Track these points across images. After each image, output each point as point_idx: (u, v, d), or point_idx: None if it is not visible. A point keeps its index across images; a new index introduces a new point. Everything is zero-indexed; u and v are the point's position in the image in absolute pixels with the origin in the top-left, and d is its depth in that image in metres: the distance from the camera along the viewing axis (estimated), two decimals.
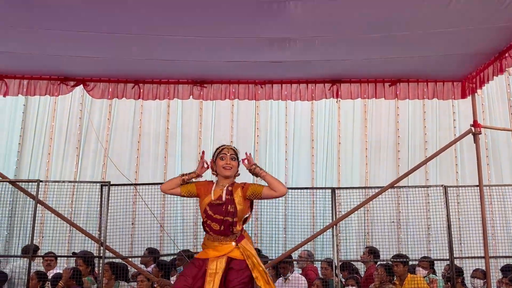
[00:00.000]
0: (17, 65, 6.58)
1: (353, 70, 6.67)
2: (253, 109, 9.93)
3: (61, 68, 6.65)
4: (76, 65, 6.46)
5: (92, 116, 9.64)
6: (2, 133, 9.74)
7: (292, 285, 6.94)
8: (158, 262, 7.26)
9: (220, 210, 4.01)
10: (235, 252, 4.00)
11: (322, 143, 9.80)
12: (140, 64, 6.40)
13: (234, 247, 4.00)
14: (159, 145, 9.88)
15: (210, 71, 6.75)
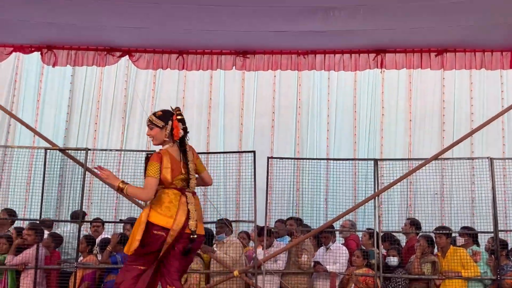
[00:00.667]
0: (66, 36, 6.78)
1: (398, 39, 6.59)
2: (295, 80, 9.90)
3: (107, 39, 6.81)
4: (122, 36, 6.60)
5: (137, 87, 9.84)
6: (51, 103, 10.09)
7: (333, 255, 7.00)
8: None
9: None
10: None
11: (365, 114, 9.73)
12: (185, 35, 6.49)
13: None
14: (202, 115, 10.02)
15: (253, 41, 6.78)
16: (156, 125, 4.20)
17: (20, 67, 10.17)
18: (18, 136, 9.84)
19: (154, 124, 4.20)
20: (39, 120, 9.96)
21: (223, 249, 6.93)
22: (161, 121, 4.20)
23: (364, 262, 6.84)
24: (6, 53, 7.01)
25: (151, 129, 4.20)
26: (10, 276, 6.91)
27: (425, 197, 7.59)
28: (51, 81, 10.10)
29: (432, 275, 6.70)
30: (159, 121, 4.20)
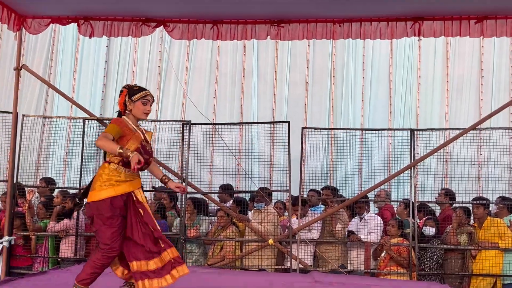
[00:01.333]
0: (102, 7, 6.81)
1: (437, 6, 6.40)
2: (330, 49, 9.80)
3: (142, 10, 6.81)
4: (157, 6, 6.60)
5: (171, 57, 9.89)
6: (87, 74, 10.26)
7: (368, 225, 7.01)
8: (235, 198, 7.52)
9: (147, 150, 4.13)
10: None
11: (401, 84, 9.59)
12: (219, 4, 6.45)
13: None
14: (235, 85, 10.03)
15: (288, 10, 6.69)
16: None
17: (57, 39, 10.34)
18: (56, 107, 10.06)
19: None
20: (76, 90, 10.15)
21: (259, 218, 7.01)
22: None
23: (398, 232, 6.84)
24: (44, 25, 7.09)
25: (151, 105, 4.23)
26: (50, 242, 7.15)
27: (462, 167, 7.47)
28: (87, 52, 10.26)
29: (468, 246, 6.66)
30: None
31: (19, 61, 7.21)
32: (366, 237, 6.92)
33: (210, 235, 7.12)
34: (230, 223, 7.06)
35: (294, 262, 6.81)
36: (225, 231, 7.02)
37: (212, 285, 5.19)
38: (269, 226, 6.95)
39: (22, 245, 7.02)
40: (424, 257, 6.79)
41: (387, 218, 7.22)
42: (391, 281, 6.36)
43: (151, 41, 9.97)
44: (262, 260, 6.88)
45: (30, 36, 9.23)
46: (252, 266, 6.87)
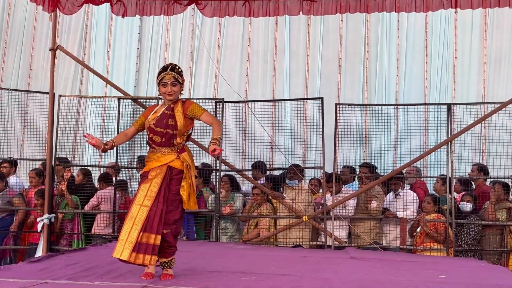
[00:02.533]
0: None
1: None
2: (363, 24, 9.65)
3: None
4: None
5: (203, 35, 9.90)
6: (120, 53, 10.36)
7: (403, 201, 6.94)
8: (267, 176, 7.53)
9: (161, 123, 4.12)
10: (176, 162, 4.13)
11: (437, 57, 9.39)
12: None
13: (175, 157, 4.13)
14: (267, 62, 9.99)
15: None
16: (179, 82, 4.23)
17: (90, 19, 10.45)
18: (91, 87, 10.20)
19: (178, 81, 4.22)
20: (110, 70, 10.28)
21: (292, 195, 7.02)
22: (181, 78, 4.27)
23: (434, 208, 6.77)
24: (77, 5, 7.12)
25: (174, 85, 4.18)
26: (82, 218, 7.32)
27: (500, 142, 7.31)
28: (120, 31, 10.37)
29: (507, 222, 6.55)
30: (180, 78, 4.26)
31: (54, 42, 7.29)
32: (402, 213, 6.86)
33: (245, 212, 7.17)
34: (265, 200, 7.09)
35: (328, 238, 6.82)
36: (259, 208, 7.06)
37: (248, 260, 5.24)
38: (303, 203, 6.96)
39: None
40: (461, 233, 6.71)
41: (421, 196, 7.14)
42: (428, 257, 6.31)
43: (183, 19, 9.99)
44: (297, 236, 6.91)
45: (64, 17, 9.37)
46: (287, 243, 6.91)
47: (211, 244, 6.76)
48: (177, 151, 4.14)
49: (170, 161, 4.12)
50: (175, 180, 4.12)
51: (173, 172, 4.12)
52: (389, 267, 5.15)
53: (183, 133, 4.16)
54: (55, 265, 4.50)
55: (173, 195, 4.11)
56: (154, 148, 4.19)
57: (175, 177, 4.12)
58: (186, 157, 4.16)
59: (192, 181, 4.16)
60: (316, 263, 5.31)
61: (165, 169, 4.11)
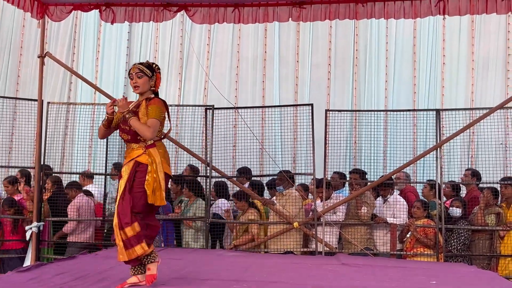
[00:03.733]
0: None
1: None
2: (352, 30, 9.69)
3: None
4: None
5: (192, 42, 9.88)
6: (109, 60, 10.32)
7: (392, 207, 6.96)
8: (252, 181, 7.50)
9: (125, 121, 4.17)
10: (143, 157, 4.14)
11: (425, 63, 9.46)
12: None
13: (143, 152, 4.15)
14: (257, 69, 10.00)
15: None
16: (145, 73, 4.23)
17: (79, 25, 10.40)
18: (79, 93, 10.15)
19: (144, 73, 4.23)
20: (99, 77, 10.23)
21: (282, 201, 7.01)
22: (150, 71, 4.27)
23: (424, 213, 6.80)
24: (66, 12, 7.10)
25: (140, 77, 4.20)
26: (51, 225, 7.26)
27: (488, 147, 7.37)
28: (108, 38, 10.32)
29: (496, 226, 6.59)
30: (148, 70, 4.26)
31: (43, 49, 7.25)
32: (391, 219, 6.88)
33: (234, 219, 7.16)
34: (249, 206, 7.08)
35: (319, 244, 6.81)
36: (245, 215, 7.04)
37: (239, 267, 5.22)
38: (293, 209, 6.94)
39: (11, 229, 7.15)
40: (451, 238, 6.74)
41: (411, 200, 7.17)
42: (418, 263, 6.34)
43: (172, 26, 9.97)
44: (288, 243, 6.90)
45: (52, 23, 9.31)
46: (278, 249, 6.89)
47: (201, 251, 6.73)
48: (145, 147, 4.15)
49: (136, 156, 4.14)
50: (138, 173, 4.12)
51: (138, 168, 4.13)
52: (381, 274, 5.16)
53: None
54: (44, 274, 4.46)
55: (135, 187, 4.11)
56: (126, 145, 4.28)
57: (139, 169, 4.12)
58: (153, 153, 4.15)
59: (158, 177, 4.12)
60: (307, 269, 5.31)
61: (132, 164, 4.14)
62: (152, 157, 4.12)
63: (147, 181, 4.07)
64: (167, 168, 4.22)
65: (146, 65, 4.28)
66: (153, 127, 4.08)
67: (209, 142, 7.30)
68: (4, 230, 7.16)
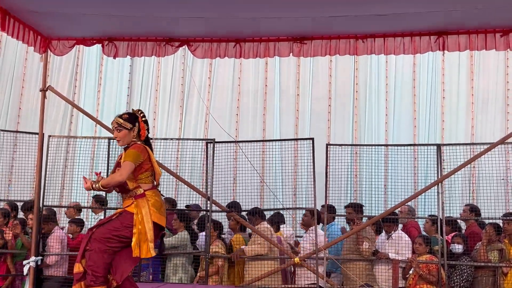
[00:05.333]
0: (126, 28, 6.87)
1: (461, 21, 6.34)
2: (352, 64, 9.79)
3: (166, 30, 6.86)
4: (180, 27, 6.65)
5: (193, 75, 9.97)
6: (111, 94, 10.40)
7: (395, 243, 6.89)
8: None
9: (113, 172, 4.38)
10: (131, 208, 4.23)
11: (425, 98, 9.52)
12: (242, 23, 6.48)
13: (131, 203, 4.24)
14: (257, 102, 10.06)
15: (311, 27, 6.69)
16: (124, 127, 4.36)
17: (81, 59, 10.50)
18: (80, 127, 10.17)
19: (123, 127, 4.36)
20: (100, 110, 10.27)
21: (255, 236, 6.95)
22: (129, 123, 4.37)
23: (426, 249, 6.72)
24: (69, 46, 7.16)
25: (119, 131, 4.36)
26: None
27: (490, 182, 7.34)
28: (110, 72, 10.41)
29: (499, 263, 6.51)
30: (127, 123, 4.37)
31: (45, 83, 7.28)
32: (393, 255, 6.80)
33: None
34: (217, 237, 7.09)
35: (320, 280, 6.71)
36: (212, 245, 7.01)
37: None
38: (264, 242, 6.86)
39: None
40: (454, 274, 6.65)
41: (414, 236, 7.10)
42: None
43: (173, 60, 10.07)
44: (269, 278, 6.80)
45: (54, 57, 9.37)
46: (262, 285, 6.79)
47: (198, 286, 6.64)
48: (134, 197, 4.23)
49: (126, 206, 4.25)
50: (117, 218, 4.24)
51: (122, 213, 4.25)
52: None
53: (131, 178, 4.23)
54: None
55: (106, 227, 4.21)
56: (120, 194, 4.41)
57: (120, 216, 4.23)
58: (141, 203, 4.21)
59: (144, 228, 4.15)
60: None
61: (118, 212, 4.29)
62: (138, 208, 4.18)
63: (134, 233, 4.13)
64: (157, 218, 4.23)
65: (126, 117, 4.38)
66: (123, 168, 4.14)
67: (210, 175, 7.27)
68: None
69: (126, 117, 4.39)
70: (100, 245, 4.11)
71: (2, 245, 7.02)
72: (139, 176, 4.27)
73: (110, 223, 4.23)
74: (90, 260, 4.11)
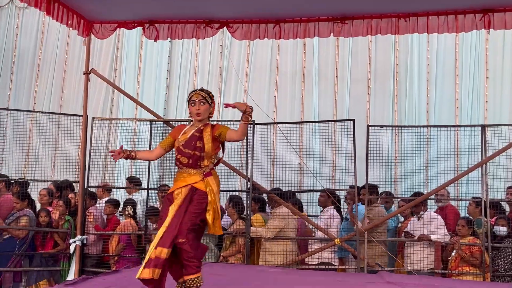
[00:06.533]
0: (166, 10, 6.92)
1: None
2: (392, 45, 9.61)
3: (206, 12, 6.89)
4: (220, 8, 6.66)
5: (231, 57, 9.98)
6: (150, 76, 10.51)
7: (427, 224, 6.80)
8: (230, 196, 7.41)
9: (189, 145, 4.18)
10: (200, 184, 4.16)
11: (467, 78, 9.29)
12: (282, 3, 6.44)
13: (200, 179, 4.16)
14: (296, 84, 10.01)
15: (351, 6, 6.61)
16: (207, 101, 4.31)
17: (121, 42, 10.63)
18: (121, 109, 10.33)
19: (206, 101, 4.31)
20: (140, 93, 10.40)
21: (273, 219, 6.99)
22: (210, 99, 4.35)
23: (469, 231, 6.63)
24: (110, 29, 7.28)
25: (203, 104, 4.27)
26: None
27: None
28: (150, 54, 10.51)
29: None
30: (209, 98, 4.34)
31: (88, 66, 7.41)
32: (435, 236, 6.74)
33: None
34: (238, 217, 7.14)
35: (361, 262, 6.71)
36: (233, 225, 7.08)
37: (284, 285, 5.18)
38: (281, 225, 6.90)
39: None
40: (497, 257, 6.55)
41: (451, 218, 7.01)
42: (464, 282, 6.16)
43: (211, 42, 10.10)
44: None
45: (95, 42, 9.51)
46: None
47: (241, 267, 6.70)
48: (203, 174, 4.19)
49: (194, 182, 4.17)
50: (195, 202, 4.14)
51: (195, 192, 4.16)
52: None
53: (210, 155, 4.20)
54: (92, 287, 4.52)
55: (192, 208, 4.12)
56: (181, 169, 4.25)
57: (196, 198, 4.14)
58: (211, 182, 4.19)
59: (217, 207, 4.19)
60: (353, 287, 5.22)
61: (188, 189, 4.16)
62: (210, 187, 4.16)
63: (208, 211, 4.12)
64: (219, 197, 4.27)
65: (209, 92, 4.35)
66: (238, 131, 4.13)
67: (250, 157, 7.30)
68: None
69: (209, 91, 4.37)
70: (193, 234, 4.09)
71: (47, 223, 7.22)
72: (215, 154, 4.27)
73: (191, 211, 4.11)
74: (190, 252, 4.02)
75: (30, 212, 7.24)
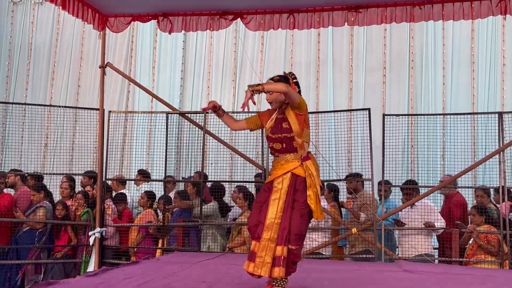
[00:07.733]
0: (179, 2, 6.96)
1: None
2: (407, 33, 9.55)
3: (220, 3, 6.90)
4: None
5: (245, 48, 9.99)
6: (165, 69, 10.56)
7: (418, 211, 6.79)
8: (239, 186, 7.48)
9: (276, 129, 4.11)
10: (299, 169, 4.05)
11: (484, 66, 9.22)
12: None
13: (299, 165, 4.06)
14: (310, 74, 9.99)
15: None
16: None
17: (135, 36, 10.69)
18: (137, 102, 10.41)
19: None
20: (155, 85, 10.46)
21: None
22: (285, 81, 4.19)
23: (482, 219, 6.59)
24: (125, 23, 7.32)
25: (271, 93, 4.12)
26: None
27: None
28: (164, 46, 10.56)
29: None
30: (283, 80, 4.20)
31: (104, 59, 7.47)
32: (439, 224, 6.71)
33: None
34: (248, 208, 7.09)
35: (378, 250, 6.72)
36: (242, 215, 7.09)
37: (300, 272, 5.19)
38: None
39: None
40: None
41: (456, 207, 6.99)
42: (482, 270, 6.13)
43: (225, 34, 10.12)
44: None
45: (109, 35, 9.58)
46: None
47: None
48: (301, 158, 4.10)
49: (293, 168, 4.07)
50: (300, 192, 4.05)
51: (297, 180, 4.07)
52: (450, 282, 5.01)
53: (300, 133, 4.09)
54: (112, 279, 4.57)
55: (300, 206, 4.04)
56: (278, 156, 4.17)
57: (300, 187, 4.06)
58: (309, 165, 4.09)
59: (317, 190, 4.07)
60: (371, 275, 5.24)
61: (289, 177, 4.07)
62: (309, 171, 4.06)
63: (309, 196, 4.03)
64: (319, 180, 4.16)
65: (277, 79, 4.20)
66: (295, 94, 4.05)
67: (266, 147, 7.33)
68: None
69: (277, 78, 4.23)
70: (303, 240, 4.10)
71: (64, 216, 7.32)
72: (304, 131, 4.13)
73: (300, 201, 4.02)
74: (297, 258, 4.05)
75: (47, 203, 7.34)
